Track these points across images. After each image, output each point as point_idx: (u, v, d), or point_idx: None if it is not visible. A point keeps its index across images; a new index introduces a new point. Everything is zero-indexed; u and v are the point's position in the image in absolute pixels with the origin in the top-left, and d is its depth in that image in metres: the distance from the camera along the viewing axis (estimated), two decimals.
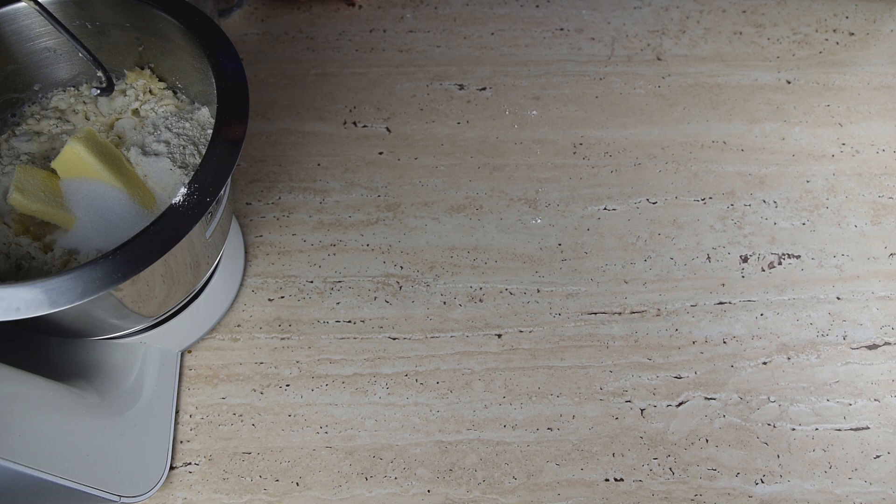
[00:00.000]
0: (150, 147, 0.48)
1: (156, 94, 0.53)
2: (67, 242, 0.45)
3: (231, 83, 0.44)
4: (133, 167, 0.48)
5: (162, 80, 0.53)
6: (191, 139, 0.49)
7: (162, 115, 0.51)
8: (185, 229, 0.39)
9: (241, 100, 0.44)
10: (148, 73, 0.53)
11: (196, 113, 0.50)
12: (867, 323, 0.58)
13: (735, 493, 0.51)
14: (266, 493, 0.51)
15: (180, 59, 0.50)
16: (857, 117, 0.69)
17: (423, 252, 0.60)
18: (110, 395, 0.51)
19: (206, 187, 0.40)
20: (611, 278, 0.60)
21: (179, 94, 0.53)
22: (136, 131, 0.51)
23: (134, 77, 0.52)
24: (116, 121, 0.52)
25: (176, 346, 0.55)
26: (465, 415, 0.54)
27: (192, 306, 0.54)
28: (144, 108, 0.52)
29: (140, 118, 0.52)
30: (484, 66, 0.71)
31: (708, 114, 0.69)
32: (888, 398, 0.55)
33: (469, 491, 0.51)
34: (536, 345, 0.57)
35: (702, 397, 0.55)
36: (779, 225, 0.63)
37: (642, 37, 0.74)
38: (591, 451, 0.53)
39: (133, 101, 0.52)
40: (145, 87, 0.53)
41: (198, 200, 0.40)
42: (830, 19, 0.75)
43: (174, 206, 0.39)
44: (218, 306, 0.57)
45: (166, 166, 0.47)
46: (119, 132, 0.51)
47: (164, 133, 0.49)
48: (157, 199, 0.47)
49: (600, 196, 0.64)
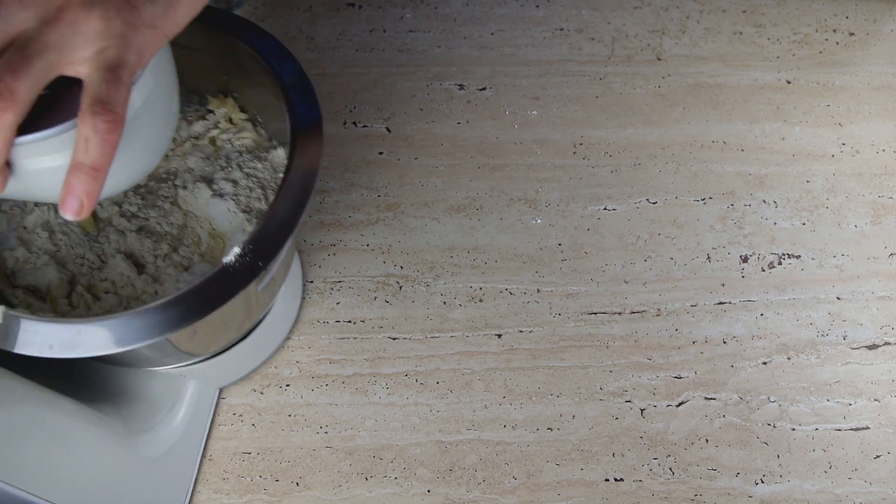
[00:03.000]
0: (217, 185, 0.47)
1: (236, 124, 0.51)
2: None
3: (306, 137, 0.42)
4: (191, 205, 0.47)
5: (244, 110, 0.51)
6: (260, 182, 0.47)
7: (237, 148, 0.49)
8: (229, 294, 0.37)
9: (314, 159, 0.41)
10: (231, 101, 0.51)
11: (271, 153, 0.49)
12: (867, 323, 0.58)
13: (735, 493, 0.51)
14: (266, 493, 0.51)
15: (263, 93, 0.47)
16: (857, 117, 0.69)
17: (423, 252, 0.61)
18: (137, 425, 0.49)
19: (261, 251, 0.38)
20: (611, 278, 0.60)
21: (259, 127, 0.51)
22: (207, 162, 0.49)
23: (216, 104, 0.51)
24: (192, 146, 0.50)
25: (218, 382, 0.54)
26: (465, 415, 0.54)
27: (242, 345, 0.52)
28: (222, 137, 0.50)
29: (215, 147, 0.50)
30: (484, 66, 0.71)
31: (708, 114, 0.69)
32: (888, 398, 0.55)
33: (469, 491, 0.51)
34: (536, 345, 0.57)
35: (702, 397, 0.55)
36: (779, 225, 0.63)
37: (642, 37, 0.74)
38: (591, 451, 0.53)
39: (212, 127, 0.50)
40: (226, 116, 0.51)
41: (250, 263, 0.38)
42: (830, 19, 0.75)
43: (226, 267, 0.38)
44: (268, 346, 0.55)
45: (229, 208, 0.46)
46: (191, 163, 0.49)
47: (234, 171, 0.48)
48: (204, 241, 0.46)
49: (600, 196, 0.64)
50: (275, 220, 0.39)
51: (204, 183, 0.47)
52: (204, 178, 0.48)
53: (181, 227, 0.48)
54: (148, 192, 0.48)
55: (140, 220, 0.48)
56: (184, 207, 0.48)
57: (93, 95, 0.29)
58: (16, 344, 0.36)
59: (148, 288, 0.45)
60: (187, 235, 0.47)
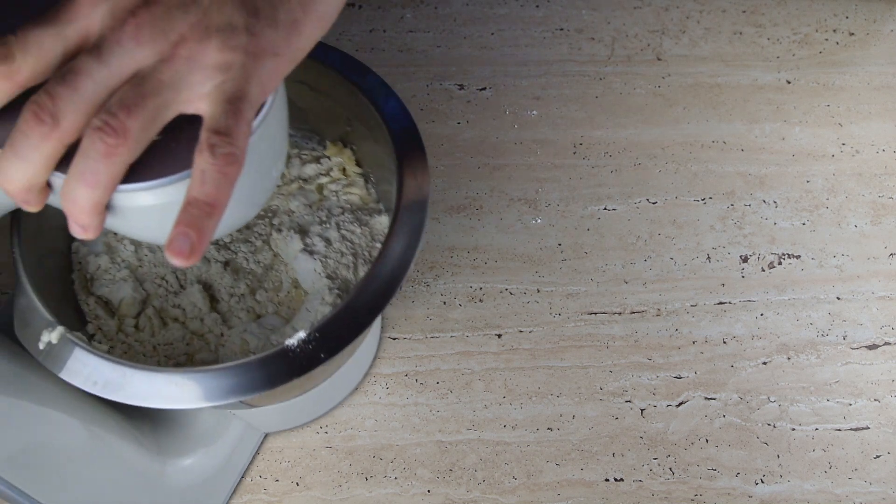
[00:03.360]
0: (310, 239, 0.45)
1: (349, 176, 0.49)
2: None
3: (406, 229, 0.39)
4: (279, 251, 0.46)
5: (359, 164, 0.49)
6: (353, 248, 0.45)
7: (342, 203, 0.47)
8: (277, 381, 0.35)
9: (409, 253, 0.38)
10: (349, 153, 0.49)
11: (374, 217, 0.47)
12: (867, 323, 0.58)
13: (735, 493, 0.51)
14: (266, 493, 0.51)
15: (380, 152, 0.44)
16: (857, 117, 0.69)
17: (423, 252, 0.60)
18: (171, 450, 0.47)
19: (326, 343, 0.36)
20: (611, 278, 0.60)
21: (370, 185, 0.49)
22: (308, 210, 0.47)
23: (334, 150, 0.49)
24: (298, 188, 0.48)
25: (266, 427, 0.52)
26: (465, 415, 0.54)
27: (305, 396, 0.50)
28: (330, 187, 0.48)
29: (321, 196, 0.48)
30: (484, 66, 0.71)
31: (708, 114, 0.69)
32: (888, 398, 0.55)
33: (469, 491, 0.51)
34: (536, 345, 0.57)
35: (702, 397, 0.55)
36: (779, 225, 0.63)
37: (642, 37, 0.74)
38: (591, 451, 0.53)
39: (323, 174, 0.48)
40: (340, 166, 0.49)
41: (312, 352, 0.35)
42: (830, 19, 0.75)
43: (285, 350, 0.36)
44: (329, 401, 0.53)
45: (315, 269, 0.44)
46: (293, 206, 0.47)
47: (331, 229, 0.45)
48: (285, 288, 0.45)
49: (600, 196, 0.64)
50: (350, 311, 0.36)
51: (298, 234, 0.45)
52: (300, 228, 0.46)
53: (266, 268, 0.46)
54: (245, 226, 0.47)
55: (229, 252, 0.46)
56: (274, 249, 0.47)
57: (212, 128, 0.27)
58: (63, 370, 0.36)
59: (215, 328, 0.44)
60: (270, 278, 0.46)
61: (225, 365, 0.35)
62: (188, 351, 0.44)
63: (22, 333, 0.37)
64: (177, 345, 0.44)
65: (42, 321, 0.37)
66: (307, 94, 0.46)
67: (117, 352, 0.43)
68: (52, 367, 0.36)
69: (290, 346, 0.35)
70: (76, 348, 0.36)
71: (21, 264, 0.39)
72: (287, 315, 0.45)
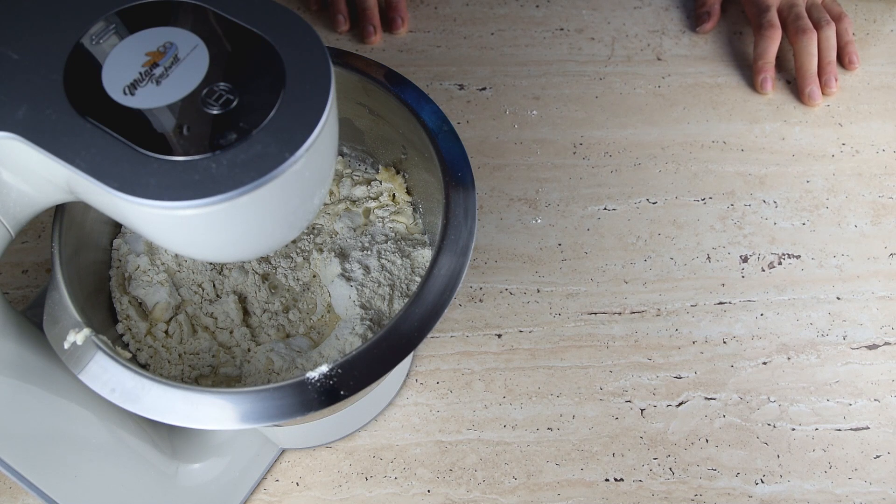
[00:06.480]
0: (349, 265, 0.44)
1: (397, 203, 0.48)
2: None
3: (450, 262, 0.38)
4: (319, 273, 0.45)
5: (409, 192, 0.49)
6: (391, 280, 0.44)
7: (386, 231, 0.46)
8: (294, 413, 0.34)
9: (446, 297, 0.37)
10: (400, 180, 0.48)
11: (416, 250, 0.46)
12: (867, 323, 0.58)
13: (735, 493, 0.51)
14: (266, 493, 0.51)
15: (432, 185, 0.44)
16: (857, 117, 0.69)
17: None
18: (186, 455, 0.47)
19: (346, 382, 0.35)
20: (611, 278, 0.60)
21: (418, 215, 0.48)
22: (352, 234, 0.47)
23: (386, 175, 0.48)
24: (346, 210, 0.48)
25: (284, 444, 0.52)
26: (465, 415, 0.54)
27: (328, 419, 0.49)
28: (378, 212, 0.47)
29: (366, 221, 0.47)
30: (484, 66, 0.71)
31: (708, 114, 0.69)
32: (888, 398, 0.55)
33: (469, 491, 0.51)
34: (536, 345, 0.57)
35: (702, 397, 0.55)
36: (779, 225, 0.63)
37: (642, 37, 0.74)
38: (591, 451, 0.53)
39: (372, 198, 0.48)
40: (390, 192, 0.48)
41: (333, 388, 0.35)
42: None
43: (305, 383, 0.35)
44: (351, 425, 0.52)
45: (350, 296, 0.43)
46: (338, 227, 0.47)
47: (371, 257, 0.45)
48: (319, 310, 0.45)
49: (600, 196, 0.64)
50: (376, 350, 0.36)
51: (338, 258, 0.45)
52: (341, 252, 0.45)
53: (304, 287, 0.46)
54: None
55: (269, 265, 0.46)
56: (313, 269, 0.46)
57: None
58: (83, 372, 0.36)
59: (242, 343, 0.44)
60: (305, 299, 0.46)
61: (242, 389, 0.35)
62: (213, 363, 0.43)
63: (49, 330, 0.37)
64: (203, 355, 0.43)
65: (70, 321, 0.37)
66: (366, 117, 0.46)
67: (143, 355, 0.42)
68: (73, 368, 0.36)
69: (310, 379, 0.35)
70: (98, 353, 0.36)
71: (58, 259, 0.38)
72: (316, 339, 0.45)
